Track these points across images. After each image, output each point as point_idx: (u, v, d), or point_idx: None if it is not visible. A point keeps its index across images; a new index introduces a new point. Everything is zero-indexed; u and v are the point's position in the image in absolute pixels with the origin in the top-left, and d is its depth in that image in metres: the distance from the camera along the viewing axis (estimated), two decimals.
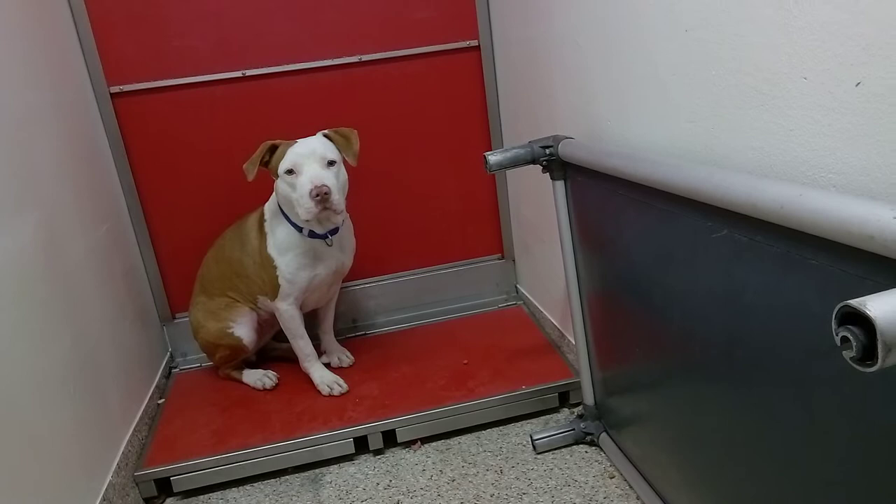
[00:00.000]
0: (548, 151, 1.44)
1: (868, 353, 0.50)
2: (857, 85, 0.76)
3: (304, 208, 1.60)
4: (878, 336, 0.48)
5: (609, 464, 1.54)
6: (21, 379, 1.20)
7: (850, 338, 0.51)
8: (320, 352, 2.00)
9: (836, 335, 0.52)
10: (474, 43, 2.10)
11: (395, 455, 1.68)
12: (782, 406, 0.88)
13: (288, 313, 1.82)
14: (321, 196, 1.57)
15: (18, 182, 1.34)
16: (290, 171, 1.63)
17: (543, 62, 1.70)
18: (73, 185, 1.64)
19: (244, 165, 1.67)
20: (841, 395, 0.76)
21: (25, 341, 1.24)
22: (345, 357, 2.01)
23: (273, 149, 1.67)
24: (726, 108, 1.01)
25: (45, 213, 1.44)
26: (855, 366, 0.51)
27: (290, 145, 1.64)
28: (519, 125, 2.02)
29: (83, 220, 1.66)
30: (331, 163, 1.64)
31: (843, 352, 0.52)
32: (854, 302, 0.50)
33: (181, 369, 2.14)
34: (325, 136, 1.70)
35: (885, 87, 0.72)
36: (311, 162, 1.62)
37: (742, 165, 0.99)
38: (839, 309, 0.52)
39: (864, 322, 0.49)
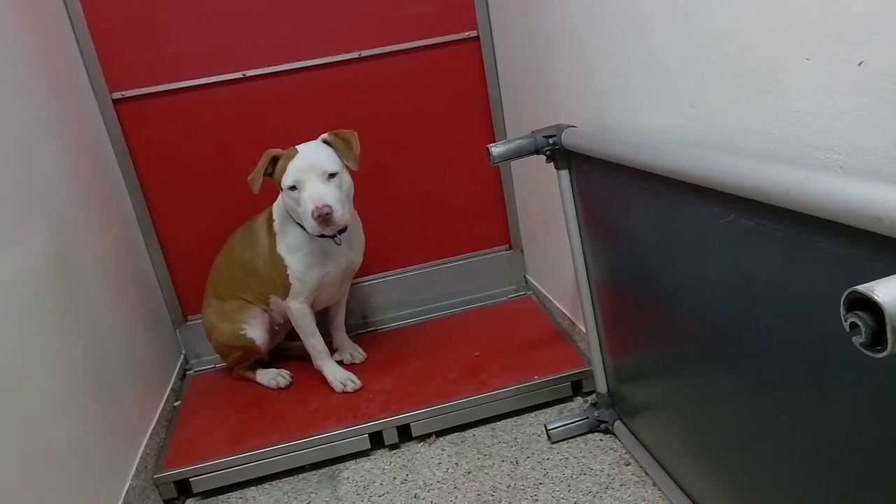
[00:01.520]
0: (551, 141, 1.43)
1: (877, 338, 0.49)
2: (859, 64, 0.75)
3: (309, 225, 1.61)
4: (887, 321, 0.48)
5: (624, 451, 1.54)
6: (37, 388, 1.21)
7: (859, 323, 0.50)
8: (333, 349, 2.00)
9: (845, 321, 0.52)
10: (473, 34, 2.09)
11: (411, 449, 1.69)
12: (795, 391, 0.87)
13: (299, 312, 1.83)
14: (323, 217, 1.58)
15: (26, 193, 1.35)
16: (292, 188, 1.63)
17: (544, 51, 1.69)
18: (80, 193, 1.65)
19: (248, 178, 1.67)
20: (854, 379, 0.76)
21: (39, 350, 1.26)
22: (357, 353, 2.02)
23: (275, 160, 1.67)
24: (728, 91, 1.00)
25: (54, 223, 1.45)
26: (864, 351, 0.51)
27: (291, 158, 1.63)
28: (521, 115, 2.01)
29: (91, 228, 1.67)
30: (332, 175, 1.63)
31: (853, 338, 0.51)
32: (862, 287, 0.49)
33: (195, 371, 2.16)
34: (325, 141, 1.69)
35: (888, 65, 0.71)
36: (312, 177, 1.61)
37: (746, 149, 0.98)
38: (847, 295, 0.51)
39: (872, 307, 0.49)
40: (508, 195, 2.27)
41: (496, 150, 1.44)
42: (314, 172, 1.61)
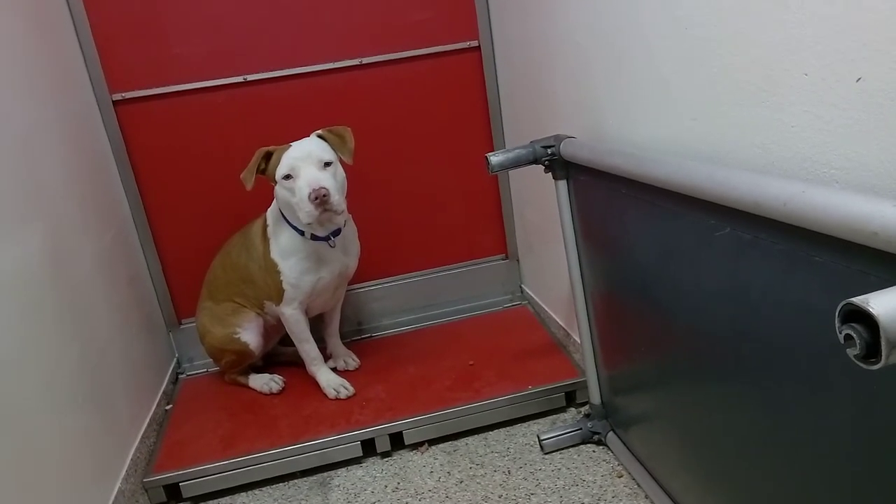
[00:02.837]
0: (550, 151, 1.44)
1: (872, 350, 0.49)
2: (857, 80, 0.75)
3: (305, 212, 1.60)
4: (882, 333, 0.48)
5: (617, 463, 1.54)
6: (29, 388, 1.21)
7: (854, 335, 0.50)
8: (326, 355, 2.00)
9: (840, 333, 0.52)
10: (474, 43, 2.10)
11: (403, 457, 1.68)
12: (790, 404, 0.87)
13: (293, 318, 1.82)
14: (320, 199, 1.58)
15: (24, 193, 1.35)
16: (287, 177, 1.63)
17: (544, 61, 1.70)
18: (78, 194, 1.65)
19: (241, 175, 1.67)
20: (849, 392, 0.76)
21: (33, 351, 1.25)
22: (351, 360, 2.02)
23: (268, 155, 1.68)
24: (727, 105, 1.00)
25: (51, 223, 1.45)
26: (859, 363, 0.51)
27: (285, 150, 1.64)
28: (521, 125, 2.02)
29: (88, 229, 1.67)
30: (327, 164, 1.64)
31: (847, 350, 0.51)
32: (857, 300, 0.50)
33: (188, 375, 2.15)
34: (319, 136, 1.70)
35: (885, 81, 0.72)
36: (307, 165, 1.62)
37: (744, 163, 0.99)
38: (842, 307, 0.51)
39: (867, 319, 0.49)
40: (506, 205, 2.28)
41: (495, 159, 1.44)
42: (309, 160, 1.62)
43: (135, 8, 1.90)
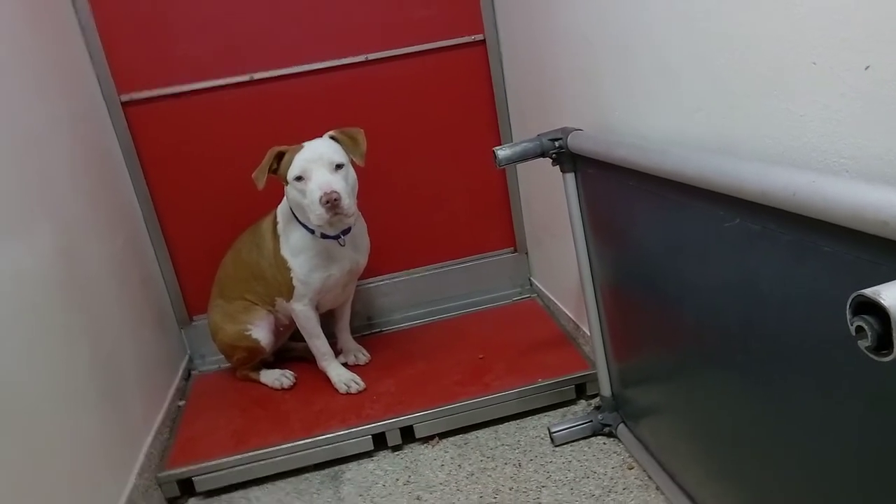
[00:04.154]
0: (557, 144, 1.43)
1: (883, 342, 0.49)
2: (866, 69, 0.75)
3: (315, 214, 1.61)
4: (893, 325, 0.48)
5: (628, 455, 1.54)
6: (43, 386, 1.22)
7: (865, 327, 0.50)
8: (337, 350, 2.01)
9: (851, 325, 0.52)
10: (480, 37, 2.10)
11: (414, 451, 1.69)
12: (800, 395, 0.87)
13: (303, 314, 1.83)
14: (331, 203, 1.58)
15: (35, 194, 1.36)
16: (299, 178, 1.63)
17: (550, 54, 1.70)
18: (89, 195, 1.66)
19: (253, 175, 1.67)
20: (859, 383, 0.76)
21: (46, 349, 1.26)
22: (361, 355, 2.03)
23: (280, 155, 1.68)
24: (735, 95, 1.00)
25: (62, 224, 1.46)
26: (870, 355, 0.51)
27: (298, 151, 1.65)
28: (528, 118, 2.02)
29: (99, 229, 1.68)
30: (338, 166, 1.64)
31: (859, 341, 0.51)
32: (868, 291, 0.50)
33: (200, 371, 2.16)
34: (332, 137, 1.70)
35: (894, 70, 0.71)
36: (319, 167, 1.62)
37: (753, 153, 0.98)
38: (853, 298, 0.51)
39: (878, 311, 0.49)
40: (514, 198, 2.27)
41: (502, 152, 1.44)
42: (321, 162, 1.62)
43: (141, 9, 1.91)
